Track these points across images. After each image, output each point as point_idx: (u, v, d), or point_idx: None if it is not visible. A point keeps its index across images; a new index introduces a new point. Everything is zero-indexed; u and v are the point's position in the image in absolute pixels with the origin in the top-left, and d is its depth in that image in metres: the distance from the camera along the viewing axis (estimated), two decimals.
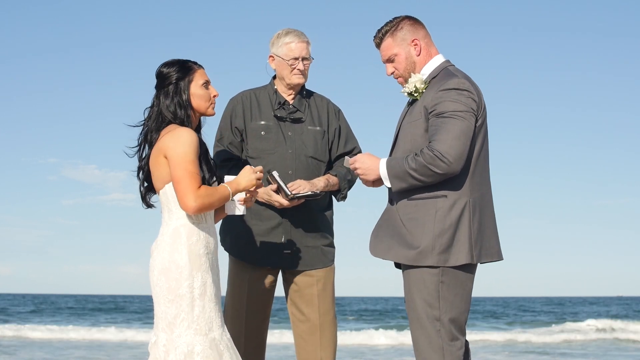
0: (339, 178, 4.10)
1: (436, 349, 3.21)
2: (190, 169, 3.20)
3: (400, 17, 3.45)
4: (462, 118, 3.18)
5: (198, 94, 3.37)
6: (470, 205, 3.24)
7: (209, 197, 3.21)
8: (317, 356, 4.06)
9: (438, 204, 3.22)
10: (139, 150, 3.41)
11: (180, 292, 3.22)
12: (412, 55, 3.40)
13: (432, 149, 3.15)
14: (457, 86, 3.23)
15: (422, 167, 3.16)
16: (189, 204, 3.19)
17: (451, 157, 3.13)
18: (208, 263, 3.29)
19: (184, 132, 3.25)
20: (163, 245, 3.28)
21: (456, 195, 3.23)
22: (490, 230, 3.33)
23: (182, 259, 3.23)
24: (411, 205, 3.27)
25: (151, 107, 3.39)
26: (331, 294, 4.13)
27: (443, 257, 3.19)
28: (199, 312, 3.22)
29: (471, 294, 3.33)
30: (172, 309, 3.23)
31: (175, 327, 3.22)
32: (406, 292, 3.31)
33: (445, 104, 3.21)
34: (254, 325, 4.05)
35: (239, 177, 3.38)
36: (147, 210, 3.45)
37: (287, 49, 4.04)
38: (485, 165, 3.35)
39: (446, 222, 3.20)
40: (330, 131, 4.16)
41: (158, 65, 3.39)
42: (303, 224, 4.04)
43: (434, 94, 3.27)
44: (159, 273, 3.26)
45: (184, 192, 3.19)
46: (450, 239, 3.20)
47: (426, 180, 3.19)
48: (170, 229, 3.29)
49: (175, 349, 3.20)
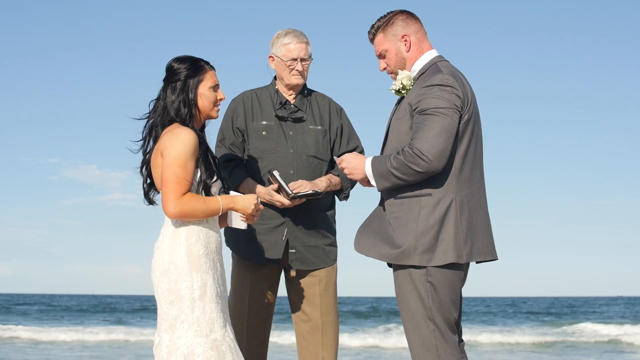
0: (341, 178, 4.09)
1: (430, 348, 3.19)
2: (179, 173, 3.17)
3: (394, 12, 3.41)
4: (444, 115, 3.13)
5: (205, 95, 3.34)
6: (457, 203, 3.19)
7: (190, 206, 3.17)
8: (319, 356, 4.06)
9: (422, 203, 3.19)
10: (143, 144, 3.37)
11: (180, 293, 3.20)
12: (402, 51, 3.37)
13: (412, 147, 3.12)
14: (440, 82, 3.18)
15: (402, 165, 3.13)
16: (169, 209, 3.17)
17: (431, 154, 3.09)
18: (208, 263, 3.26)
19: (182, 132, 3.22)
20: (163, 246, 3.27)
21: (441, 193, 3.18)
22: (482, 229, 3.28)
23: (181, 259, 3.22)
24: (397, 204, 3.24)
25: (157, 99, 3.36)
26: (333, 294, 4.12)
27: (426, 257, 3.15)
28: (199, 314, 3.20)
29: (460, 292, 3.30)
30: (173, 310, 3.21)
31: (176, 328, 3.20)
32: (397, 292, 3.29)
33: (428, 101, 3.16)
34: (256, 324, 4.05)
35: (239, 198, 3.34)
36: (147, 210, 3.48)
37: (286, 49, 4.03)
38: (475, 162, 3.29)
39: (429, 221, 3.16)
40: (332, 130, 4.15)
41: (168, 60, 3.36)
42: (305, 223, 4.03)
43: (417, 90, 3.23)
44: (160, 274, 3.25)
45: (167, 196, 3.16)
46: (433, 238, 3.15)
47: (408, 178, 3.15)
48: (171, 229, 3.28)
49: (176, 350, 3.18)
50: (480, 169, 3.34)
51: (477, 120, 3.30)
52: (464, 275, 3.35)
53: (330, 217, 4.15)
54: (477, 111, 3.31)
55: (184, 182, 3.17)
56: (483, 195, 3.33)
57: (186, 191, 3.19)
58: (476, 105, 3.31)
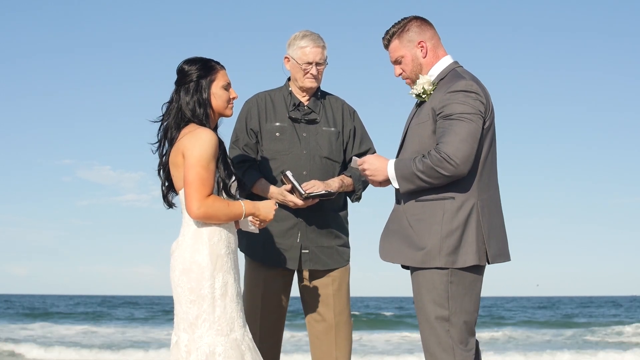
0: (354, 179, 4.12)
1: (447, 349, 3.21)
2: (203, 174, 3.18)
3: (408, 18, 3.44)
4: (470, 120, 3.18)
5: (218, 94, 3.36)
6: (479, 206, 3.24)
7: (215, 208, 3.20)
8: (333, 356, 4.09)
9: (446, 206, 3.23)
10: (159, 147, 3.39)
11: (202, 292, 3.21)
12: (419, 57, 3.40)
13: (439, 151, 3.16)
14: (465, 88, 3.23)
15: (429, 169, 3.17)
16: (193, 210, 3.18)
17: (458, 159, 3.14)
18: (230, 263, 3.29)
19: (203, 133, 3.24)
20: (184, 245, 3.28)
21: (464, 197, 3.23)
22: (499, 231, 3.35)
23: (203, 259, 3.23)
24: (419, 207, 3.28)
25: (170, 102, 3.38)
26: (346, 294, 4.15)
27: (451, 259, 3.20)
28: (220, 313, 3.22)
29: (480, 294, 3.33)
30: (194, 309, 3.22)
31: (196, 327, 3.22)
32: (415, 293, 3.31)
33: (453, 106, 3.21)
34: (269, 325, 4.07)
35: (261, 204, 3.38)
36: (162, 210, 3.45)
37: (302, 52, 4.06)
38: (493, 167, 3.35)
39: (453, 224, 3.21)
40: (345, 132, 4.18)
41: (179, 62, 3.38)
42: (318, 224, 4.05)
43: (442, 95, 3.27)
44: (180, 273, 3.26)
45: (191, 197, 3.18)
46: (457, 241, 3.20)
47: (433, 182, 3.20)
48: (192, 229, 3.29)
49: (197, 349, 3.19)
50: (496, 173, 3.40)
51: (494, 126, 3.36)
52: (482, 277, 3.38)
53: (342, 217, 4.18)
54: (494, 117, 3.36)
55: (208, 182, 3.19)
56: (499, 199, 3.40)
57: (210, 192, 3.21)
58: (493, 111, 3.36)
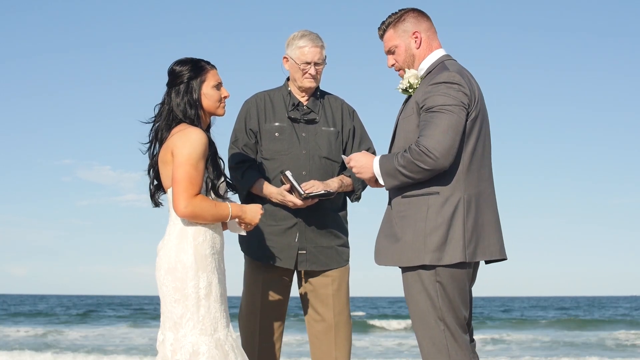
0: (353, 179, 4.11)
1: (441, 349, 3.18)
2: (191, 172, 3.21)
3: (405, 9, 3.42)
4: (451, 112, 3.12)
5: (209, 94, 3.38)
6: (465, 201, 3.17)
7: (201, 208, 3.22)
8: (332, 356, 4.08)
9: (430, 201, 3.17)
10: (149, 148, 3.43)
11: (186, 292, 3.24)
12: (412, 48, 3.37)
13: (418, 144, 3.11)
14: (447, 80, 3.17)
15: (409, 163, 3.12)
16: (180, 208, 3.20)
17: (438, 152, 3.08)
18: (214, 263, 3.31)
19: (193, 132, 3.26)
20: (170, 245, 3.30)
21: (449, 191, 3.16)
22: (490, 228, 3.25)
23: (188, 259, 3.25)
24: (404, 203, 3.23)
25: (162, 104, 3.41)
26: (346, 294, 4.14)
27: (437, 255, 3.13)
28: (204, 313, 3.24)
29: (470, 291, 3.29)
30: (178, 308, 3.25)
31: (181, 326, 3.24)
32: (406, 293, 3.28)
33: (434, 98, 3.16)
34: (269, 325, 4.07)
35: (248, 208, 3.40)
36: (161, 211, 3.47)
37: (300, 52, 4.05)
38: (484, 161, 3.27)
39: (438, 220, 3.14)
40: (345, 132, 4.17)
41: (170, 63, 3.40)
42: (317, 224, 4.05)
43: (424, 88, 3.23)
44: (165, 272, 3.29)
45: (178, 195, 3.20)
46: (443, 237, 3.13)
47: (415, 176, 3.14)
48: (177, 228, 3.31)
49: (181, 348, 3.22)
50: (489, 167, 3.32)
51: (484, 118, 3.29)
52: (473, 274, 3.34)
53: (342, 217, 4.17)
54: (484, 109, 3.30)
55: (196, 182, 3.22)
56: (492, 194, 3.31)
57: (198, 191, 3.23)
58: (484, 103, 3.30)
